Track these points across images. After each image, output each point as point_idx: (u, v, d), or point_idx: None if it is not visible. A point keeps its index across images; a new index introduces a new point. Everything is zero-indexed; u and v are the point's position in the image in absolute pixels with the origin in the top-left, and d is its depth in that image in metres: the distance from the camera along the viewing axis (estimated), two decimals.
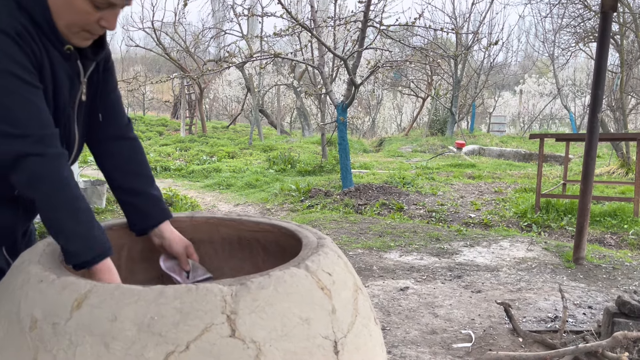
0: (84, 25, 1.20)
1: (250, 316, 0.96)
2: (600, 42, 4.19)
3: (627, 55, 11.14)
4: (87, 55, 1.32)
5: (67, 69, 1.27)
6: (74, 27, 1.20)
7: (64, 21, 1.18)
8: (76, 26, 1.20)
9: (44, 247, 1.24)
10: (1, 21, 1.10)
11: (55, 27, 1.19)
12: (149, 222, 1.47)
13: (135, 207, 1.46)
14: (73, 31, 1.21)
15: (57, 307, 0.98)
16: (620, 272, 4.11)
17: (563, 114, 25.48)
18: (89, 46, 1.30)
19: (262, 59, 8.55)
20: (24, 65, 1.13)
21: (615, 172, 10.02)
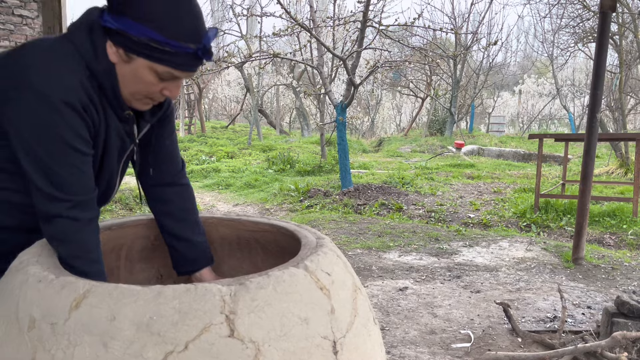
0: (147, 94, 1.25)
1: (249, 316, 0.96)
2: (599, 42, 4.20)
3: (626, 56, 11.15)
4: (145, 117, 1.38)
5: (121, 130, 1.32)
6: (138, 94, 1.25)
7: (129, 90, 1.24)
8: (140, 94, 1.25)
9: (42, 247, 1.24)
10: (70, 92, 1.14)
11: (119, 94, 1.24)
12: (191, 267, 1.54)
13: (180, 252, 1.53)
14: (136, 98, 1.26)
15: (56, 307, 0.97)
16: (619, 272, 4.11)
17: (562, 114, 25.50)
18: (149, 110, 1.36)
19: (261, 59, 8.55)
20: (80, 135, 1.18)
21: (614, 172, 10.03)
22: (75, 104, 1.15)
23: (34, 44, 1.20)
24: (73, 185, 1.19)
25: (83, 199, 1.21)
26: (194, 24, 1.16)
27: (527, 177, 9.63)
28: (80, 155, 1.19)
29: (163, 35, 1.13)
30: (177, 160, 1.53)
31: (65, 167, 1.17)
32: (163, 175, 1.50)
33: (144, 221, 1.58)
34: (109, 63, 1.20)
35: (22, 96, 1.13)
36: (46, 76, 1.13)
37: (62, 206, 1.18)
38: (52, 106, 1.12)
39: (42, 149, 1.15)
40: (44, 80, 1.12)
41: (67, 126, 1.15)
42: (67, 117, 1.15)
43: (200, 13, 1.19)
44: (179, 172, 1.54)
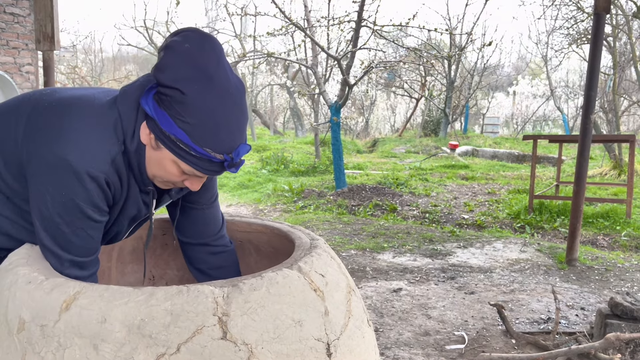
0: (169, 180, 1.25)
1: (242, 318, 0.95)
2: (593, 43, 4.21)
3: (620, 57, 11.21)
4: (170, 194, 1.37)
5: (140, 199, 1.31)
6: (160, 178, 1.25)
7: (152, 172, 1.23)
8: (162, 179, 1.25)
9: (32, 248, 1.22)
10: (97, 167, 1.14)
11: (145, 172, 1.24)
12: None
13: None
14: (159, 180, 1.26)
15: (46, 309, 0.96)
16: (612, 274, 4.13)
17: (556, 115, 25.60)
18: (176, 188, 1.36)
19: (255, 58, 8.54)
20: (99, 206, 1.19)
21: (608, 173, 10.08)
22: (101, 179, 1.15)
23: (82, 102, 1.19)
24: (77, 248, 1.19)
25: (85, 260, 1.21)
26: (228, 137, 1.14)
27: (521, 178, 9.66)
28: (92, 223, 1.19)
29: (192, 141, 1.12)
30: (215, 222, 1.48)
31: (73, 230, 1.17)
32: (197, 236, 1.47)
33: None
34: (140, 143, 1.19)
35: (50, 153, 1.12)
36: (79, 147, 1.12)
37: (62, 264, 1.18)
38: (76, 175, 1.12)
39: (55, 208, 1.14)
40: (76, 150, 1.12)
41: (87, 197, 1.15)
42: (90, 188, 1.14)
43: (239, 125, 1.16)
44: (216, 234, 1.48)
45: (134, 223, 1.37)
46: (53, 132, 1.14)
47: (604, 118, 11.99)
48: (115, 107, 1.19)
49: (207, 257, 1.48)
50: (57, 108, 1.18)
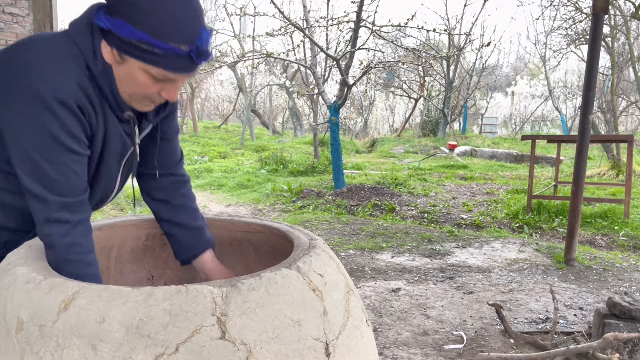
0: (145, 96, 1.22)
1: (240, 318, 0.95)
2: (592, 44, 4.21)
3: (618, 58, 11.23)
4: (148, 118, 1.35)
5: (122, 131, 1.29)
6: (136, 96, 1.23)
7: (127, 90, 1.21)
8: (137, 96, 1.22)
9: (31, 248, 1.22)
10: (65, 91, 1.12)
11: (118, 95, 1.22)
12: (190, 252, 1.50)
13: (178, 239, 1.51)
14: (135, 99, 1.23)
15: (44, 309, 0.96)
16: (610, 274, 4.13)
17: (554, 115, 25.62)
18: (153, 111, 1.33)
19: (254, 58, 8.53)
20: (74, 134, 1.16)
21: (606, 173, 10.09)
22: (71, 103, 1.13)
23: (34, 41, 1.17)
24: (63, 185, 1.16)
25: (72, 201, 1.19)
26: (187, 25, 1.12)
27: (519, 178, 9.67)
28: (72, 155, 1.17)
29: (152, 37, 1.10)
30: (176, 153, 1.52)
31: (55, 165, 1.15)
32: (162, 167, 1.48)
33: (135, 222, 1.57)
34: (105, 64, 1.17)
35: (17, 93, 1.11)
36: (43, 75, 1.11)
37: (50, 208, 1.16)
38: (46, 104, 1.10)
39: (33, 147, 1.12)
40: (41, 79, 1.10)
41: (61, 125, 1.13)
42: (61, 115, 1.12)
43: (196, 12, 1.15)
44: (177, 164, 1.52)
45: (122, 160, 1.35)
46: (14, 71, 1.12)
47: (602, 118, 12.00)
48: (68, 37, 1.18)
49: (170, 186, 1.50)
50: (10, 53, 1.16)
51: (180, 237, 1.50)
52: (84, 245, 1.21)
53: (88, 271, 1.20)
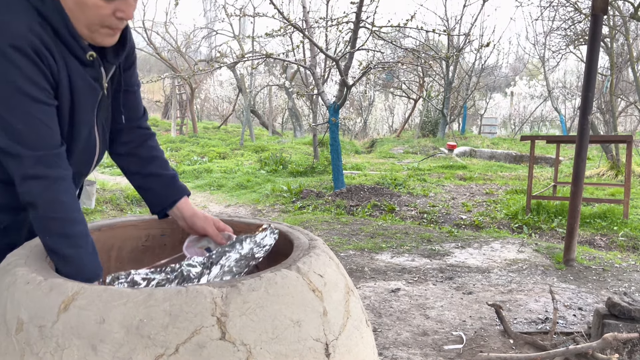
0: (101, 21, 1.18)
1: (240, 318, 0.95)
2: (591, 44, 4.22)
3: (617, 58, 11.23)
4: (109, 59, 1.32)
5: (87, 76, 1.26)
6: (93, 25, 1.18)
7: (82, 22, 1.17)
8: (94, 24, 1.18)
9: (31, 248, 1.22)
10: (18, 37, 1.09)
11: (75, 32, 1.18)
12: (166, 201, 1.47)
13: (151, 190, 1.48)
14: (93, 30, 1.19)
15: (44, 310, 0.96)
16: (610, 274, 4.13)
17: (553, 116, 25.64)
18: (111, 48, 1.30)
19: (254, 59, 8.54)
20: (35, 82, 1.12)
21: (605, 174, 10.10)
22: (26, 48, 1.09)
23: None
24: (33, 138, 1.12)
25: (46, 154, 1.14)
26: None
27: (518, 178, 9.67)
28: (38, 105, 1.12)
29: None
30: (141, 107, 1.51)
31: (21, 117, 1.10)
32: (128, 120, 1.45)
33: (134, 222, 1.57)
34: (52, 1, 1.13)
35: None
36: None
37: (24, 164, 1.12)
38: (2, 53, 1.06)
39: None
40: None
41: (19, 73, 1.09)
42: (18, 63, 1.08)
43: None
44: (142, 117, 1.50)
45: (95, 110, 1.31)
46: None
47: (601, 119, 12.01)
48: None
49: (137, 139, 1.48)
50: None
51: (153, 187, 1.47)
52: (68, 203, 1.16)
53: (76, 229, 1.16)
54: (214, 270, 1.29)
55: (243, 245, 1.36)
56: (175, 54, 17.50)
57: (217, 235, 1.45)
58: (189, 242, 1.46)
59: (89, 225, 1.40)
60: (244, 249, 1.34)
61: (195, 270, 1.28)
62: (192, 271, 1.28)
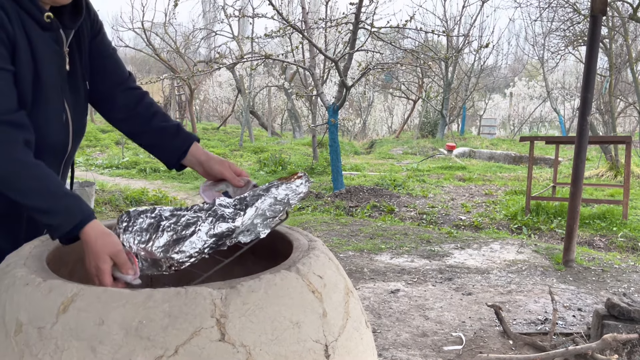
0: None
1: (240, 320, 0.95)
2: (590, 45, 4.22)
3: (616, 59, 11.25)
4: (65, 24, 1.30)
5: (49, 41, 1.24)
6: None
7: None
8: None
9: (30, 249, 1.22)
10: None
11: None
12: (179, 151, 1.45)
13: (161, 145, 1.46)
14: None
15: (43, 311, 0.96)
16: (609, 275, 4.14)
17: (553, 116, 25.67)
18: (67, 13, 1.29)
19: (253, 60, 8.54)
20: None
21: (604, 174, 10.10)
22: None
23: None
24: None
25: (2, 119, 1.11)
26: None
27: (518, 179, 9.68)
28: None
29: None
30: (124, 69, 1.49)
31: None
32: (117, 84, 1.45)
33: None
34: None
35: None
36: None
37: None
38: None
39: None
40: None
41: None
42: None
43: None
44: (129, 79, 1.49)
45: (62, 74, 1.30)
46: None
47: (600, 119, 12.02)
48: None
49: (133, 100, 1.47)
50: None
51: (163, 140, 1.45)
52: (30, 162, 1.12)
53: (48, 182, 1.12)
54: (249, 212, 1.23)
55: (279, 190, 1.29)
56: (174, 55, 17.49)
57: (234, 178, 1.40)
58: (205, 186, 1.42)
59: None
60: (279, 194, 1.27)
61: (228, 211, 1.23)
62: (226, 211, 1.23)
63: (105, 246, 1.11)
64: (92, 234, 1.12)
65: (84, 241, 1.13)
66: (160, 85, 24.48)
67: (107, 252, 1.11)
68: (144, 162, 11.95)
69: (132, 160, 11.98)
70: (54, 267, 1.19)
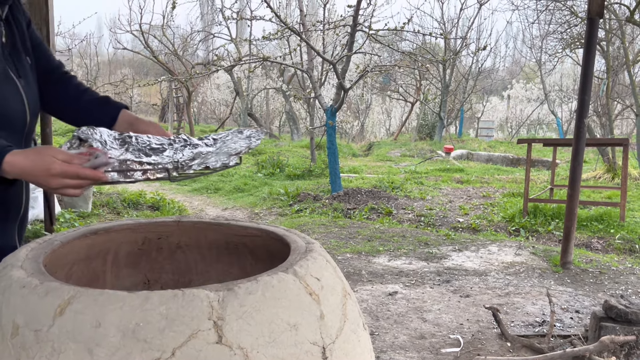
0: None
1: (237, 322, 0.95)
2: (587, 48, 4.23)
3: (613, 62, 11.27)
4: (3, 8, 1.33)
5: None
6: None
7: None
8: None
9: (27, 252, 1.22)
10: None
11: None
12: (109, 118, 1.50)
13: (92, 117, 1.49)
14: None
15: (40, 314, 0.96)
16: (607, 277, 4.14)
17: (550, 119, 25.72)
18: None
19: (251, 62, 8.54)
20: None
21: (602, 177, 10.13)
22: None
23: None
24: None
25: None
26: None
27: (515, 181, 9.69)
28: None
29: None
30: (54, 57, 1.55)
31: None
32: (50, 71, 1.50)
33: (131, 225, 1.56)
34: None
35: None
36: None
37: None
38: None
39: None
40: None
41: None
42: None
43: None
44: (60, 65, 1.55)
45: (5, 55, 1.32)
46: None
47: (597, 122, 12.05)
48: None
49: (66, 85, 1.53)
50: None
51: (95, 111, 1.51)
52: None
53: None
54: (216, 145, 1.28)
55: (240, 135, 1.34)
56: (172, 57, 17.49)
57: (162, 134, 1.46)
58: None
59: (86, 228, 1.40)
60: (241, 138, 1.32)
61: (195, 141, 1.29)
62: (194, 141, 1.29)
63: (41, 153, 1.05)
64: (19, 157, 1.06)
65: (17, 170, 1.07)
66: (158, 87, 24.49)
67: (50, 155, 1.03)
68: None
69: None
70: (50, 270, 1.19)
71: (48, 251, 1.23)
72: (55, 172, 1.03)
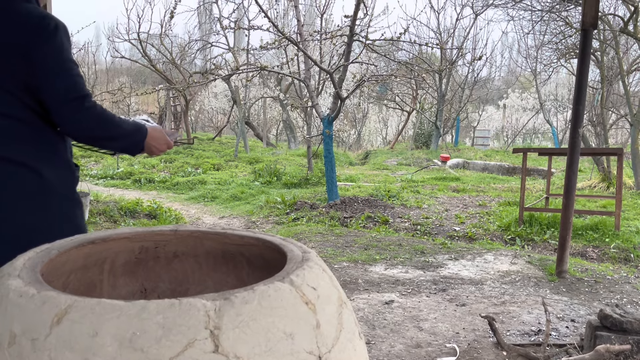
0: None
1: (233, 331, 0.95)
2: (581, 58, 4.27)
3: (608, 72, 11.35)
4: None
5: None
6: None
7: None
8: None
9: (24, 260, 1.22)
10: None
11: None
12: None
13: None
14: None
15: (37, 323, 0.96)
16: (602, 286, 4.15)
17: (545, 128, 25.83)
18: None
19: (249, 71, 8.56)
20: None
21: (597, 186, 10.16)
22: None
23: None
24: None
25: None
26: None
27: (511, 190, 9.72)
28: None
29: None
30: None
31: None
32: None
33: (128, 234, 1.57)
34: None
35: None
36: None
37: None
38: None
39: None
40: None
41: None
42: None
43: None
44: None
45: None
46: None
47: (592, 131, 12.11)
48: None
49: None
50: None
51: None
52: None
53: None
54: None
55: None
56: (170, 66, 17.51)
57: None
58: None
59: (83, 237, 1.40)
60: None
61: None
62: None
63: (162, 132, 1.74)
64: (152, 135, 1.72)
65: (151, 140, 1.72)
66: (156, 96, 24.49)
67: (164, 132, 1.74)
68: (138, 173, 11.93)
69: (126, 171, 11.95)
70: (48, 279, 1.19)
71: (45, 260, 1.24)
72: (170, 145, 1.73)
